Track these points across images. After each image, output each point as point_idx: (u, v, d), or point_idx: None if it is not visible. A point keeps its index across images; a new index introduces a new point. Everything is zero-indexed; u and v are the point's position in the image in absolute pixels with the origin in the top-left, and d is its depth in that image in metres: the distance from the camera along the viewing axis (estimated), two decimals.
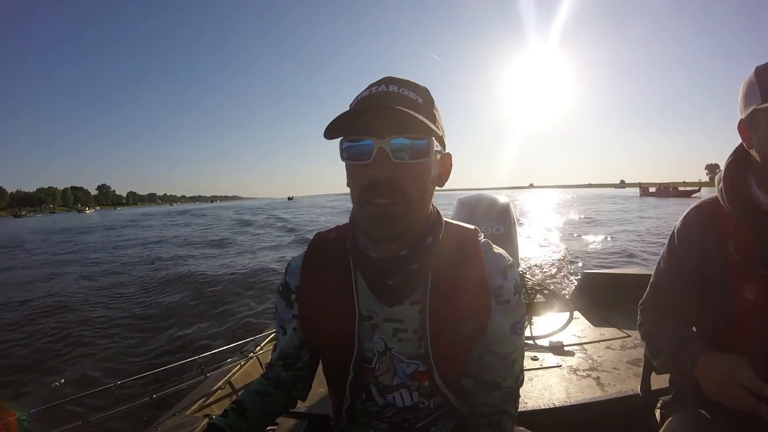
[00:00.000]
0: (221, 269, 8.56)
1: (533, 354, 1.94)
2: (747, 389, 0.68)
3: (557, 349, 2.00)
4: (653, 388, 1.10)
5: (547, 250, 10.17)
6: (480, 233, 0.72)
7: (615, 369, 1.76)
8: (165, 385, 1.49)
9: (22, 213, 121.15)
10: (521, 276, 2.59)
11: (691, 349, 0.80)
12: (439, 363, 0.66)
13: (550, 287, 3.05)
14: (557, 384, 1.65)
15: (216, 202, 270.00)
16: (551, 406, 1.46)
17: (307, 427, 1.33)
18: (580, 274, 3.03)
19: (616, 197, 51.23)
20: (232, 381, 1.67)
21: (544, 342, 2.08)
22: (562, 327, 2.23)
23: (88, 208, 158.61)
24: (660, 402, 1.02)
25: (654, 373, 1.09)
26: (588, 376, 1.71)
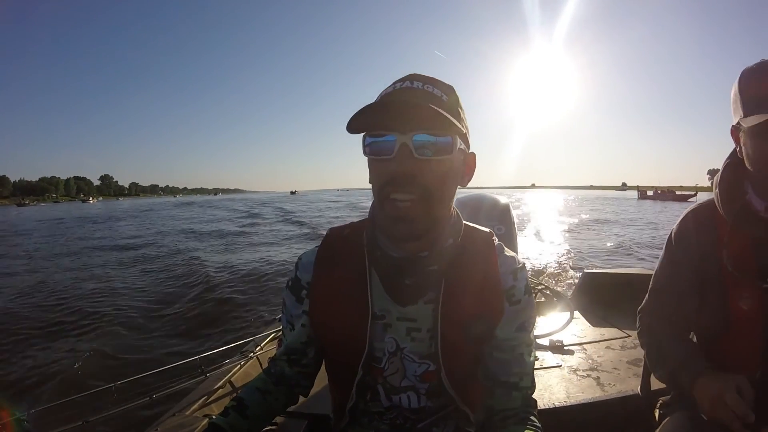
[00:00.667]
0: (223, 267, 8.56)
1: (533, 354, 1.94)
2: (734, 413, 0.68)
3: (557, 349, 2.00)
4: (653, 388, 1.10)
5: (547, 249, 10.18)
6: (494, 236, 0.72)
7: (615, 369, 1.76)
8: (165, 385, 1.49)
9: (25, 202, 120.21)
10: None
11: (691, 372, 0.79)
12: (447, 362, 0.66)
13: (550, 287, 3.04)
14: (557, 384, 1.65)
15: (218, 194, 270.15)
16: (551, 406, 1.46)
17: (307, 427, 1.33)
18: (580, 273, 3.03)
19: (614, 199, 52.51)
20: (232, 381, 1.67)
21: (544, 342, 2.08)
22: (562, 327, 2.22)
23: (91, 198, 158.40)
24: (660, 402, 1.02)
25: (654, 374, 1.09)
26: (588, 376, 1.71)
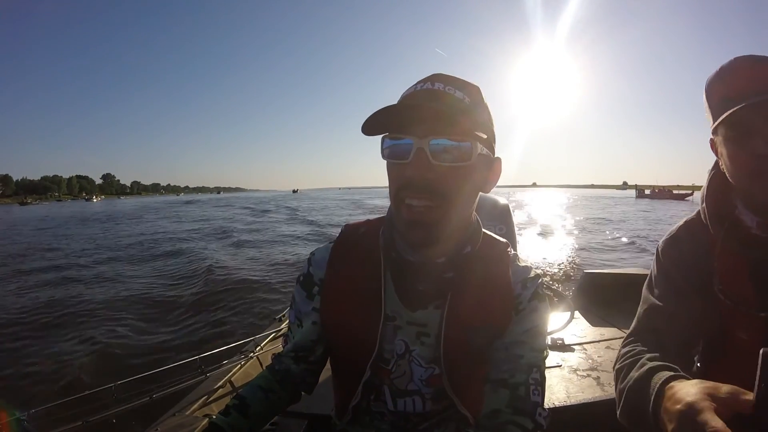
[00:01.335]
0: (225, 266, 8.56)
1: None
2: None
3: (558, 349, 2.00)
4: None
5: (546, 249, 10.18)
6: (509, 247, 0.71)
7: None
8: (165, 385, 1.49)
9: (27, 201, 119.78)
10: None
11: (653, 382, 0.57)
12: (449, 365, 0.65)
13: (551, 287, 3.05)
14: (557, 384, 1.65)
15: (221, 193, 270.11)
16: (551, 406, 1.46)
17: (307, 427, 1.33)
18: (580, 273, 3.03)
19: (613, 198, 54.04)
20: (232, 381, 1.67)
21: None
22: (562, 326, 2.22)
23: (95, 197, 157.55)
24: None
25: None
26: (588, 376, 1.71)
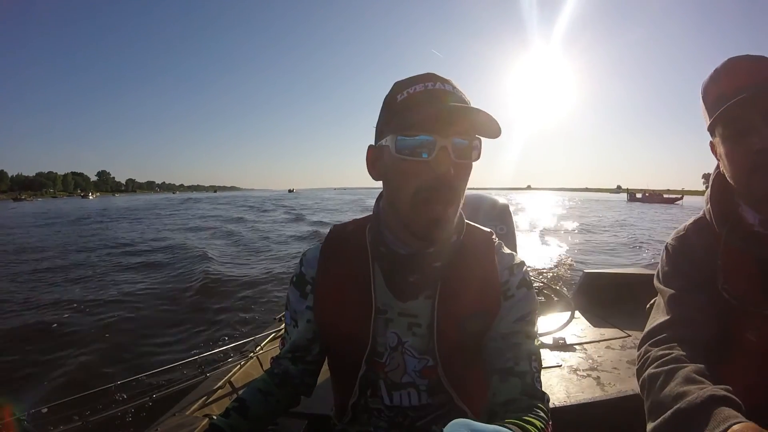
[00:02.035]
0: (225, 266, 8.56)
1: None
2: None
3: (557, 349, 2.01)
4: None
5: (544, 248, 10.18)
6: (494, 235, 0.73)
7: (615, 369, 1.76)
8: (165, 385, 1.49)
9: (22, 197, 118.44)
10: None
11: (716, 418, 0.50)
12: (444, 357, 0.66)
13: (551, 286, 3.05)
14: (557, 384, 1.65)
15: (217, 192, 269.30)
16: (551, 406, 1.46)
17: (307, 427, 1.33)
18: (580, 273, 3.03)
19: (606, 201, 55.14)
20: (232, 381, 1.67)
21: (544, 341, 2.08)
22: (562, 326, 2.23)
23: (91, 194, 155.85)
24: None
25: None
26: (588, 376, 1.71)
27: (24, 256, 10.68)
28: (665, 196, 54.75)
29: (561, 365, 1.82)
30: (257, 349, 1.90)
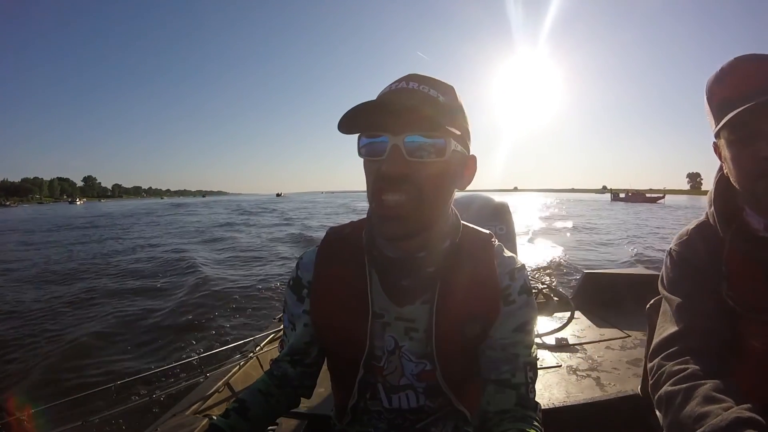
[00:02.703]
0: (225, 267, 8.56)
1: None
2: None
3: (557, 349, 2.01)
4: None
5: (543, 248, 10.18)
6: (494, 237, 0.72)
7: (615, 369, 1.76)
8: (165, 385, 1.49)
9: (7, 203, 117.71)
10: None
11: None
12: (443, 362, 0.66)
13: (551, 286, 3.05)
14: (557, 384, 1.65)
15: (205, 197, 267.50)
16: (551, 406, 1.46)
17: (307, 427, 1.33)
18: (580, 274, 3.03)
19: (590, 201, 56.70)
20: (231, 381, 1.67)
21: (544, 341, 2.08)
22: (562, 326, 2.23)
23: (78, 199, 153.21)
24: None
25: None
26: (588, 376, 1.71)
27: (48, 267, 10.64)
28: (648, 195, 55.98)
29: (561, 365, 1.82)
30: (257, 350, 1.90)
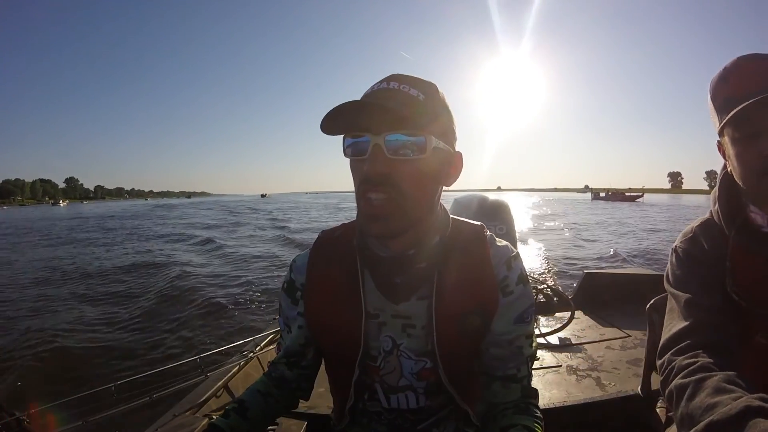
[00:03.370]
0: (223, 268, 8.56)
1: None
2: None
3: (557, 349, 2.01)
4: (654, 387, 1.10)
5: (541, 248, 10.18)
6: (485, 229, 0.72)
7: (615, 369, 1.76)
8: (165, 385, 1.49)
9: None
10: None
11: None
12: (445, 359, 0.66)
13: (551, 287, 3.05)
14: (557, 384, 1.65)
15: (191, 198, 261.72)
16: (551, 406, 1.46)
17: (307, 427, 1.33)
18: (580, 274, 3.03)
19: (572, 200, 58.16)
20: (232, 381, 1.67)
21: (544, 341, 2.08)
22: (562, 326, 2.23)
23: (62, 201, 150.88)
24: (660, 400, 1.02)
25: (654, 373, 1.08)
26: (588, 376, 1.71)
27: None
28: (627, 194, 58.14)
29: (561, 365, 1.82)
30: (257, 349, 1.90)
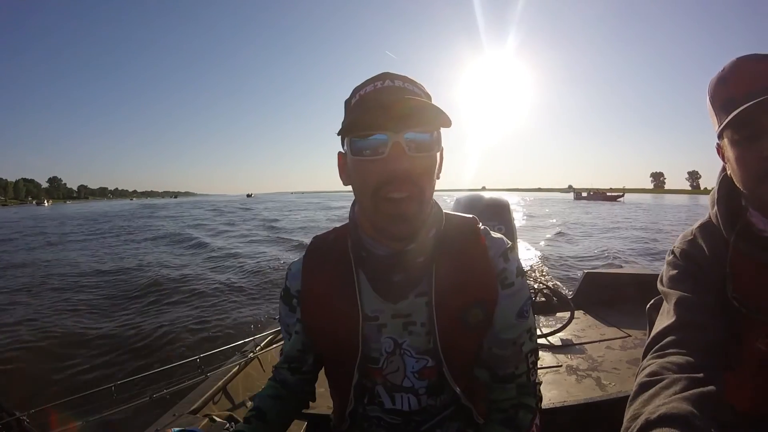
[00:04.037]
0: (222, 268, 8.56)
1: None
2: None
3: (558, 349, 2.01)
4: None
5: (539, 248, 10.19)
6: (478, 221, 0.72)
7: (615, 369, 1.76)
8: (165, 385, 1.49)
9: None
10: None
11: None
12: (448, 356, 0.65)
13: (551, 286, 3.05)
14: (557, 384, 1.65)
15: (177, 197, 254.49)
16: (551, 406, 1.46)
17: (307, 427, 1.32)
18: (580, 274, 3.03)
19: (555, 199, 59.30)
20: (231, 381, 1.67)
21: (544, 341, 2.08)
22: (562, 326, 2.23)
23: (46, 201, 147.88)
24: None
25: None
26: (588, 375, 1.71)
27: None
28: (608, 194, 59.66)
29: (561, 365, 1.82)
30: (257, 349, 1.89)
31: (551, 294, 2.83)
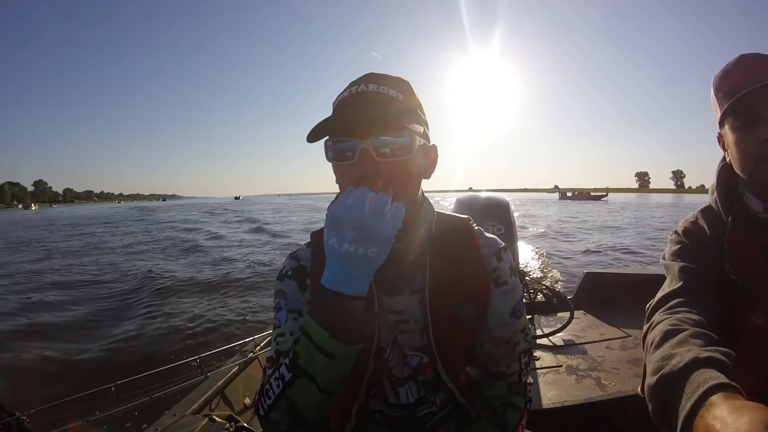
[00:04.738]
0: (220, 268, 8.56)
1: (533, 353, 1.94)
2: None
3: (557, 349, 2.01)
4: None
5: (537, 248, 10.19)
6: (471, 221, 0.73)
7: (615, 369, 1.76)
8: (165, 385, 1.49)
9: None
10: (522, 275, 2.60)
11: (693, 383, 0.45)
12: (442, 353, 0.66)
13: (550, 286, 3.05)
14: (557, 384, 1.65)
15: (165, 200, 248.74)
16: (551, 406, 1.46)
17: None
18: (580, 273, 3.03)
19: (540, 200, 59.98)
20: (232, 381, 1.67)
21: (544, 342, 2.08)
22: (562, 326, 2.23)
23: (33, 204, 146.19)
24: None
25: None
26: (588, 376, 1.71)
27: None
28: (592, 194, 61.05)
29: (561, 365, 1.82)
30: (257, 349, 1.89)
31: (551, 294, 2.83)
